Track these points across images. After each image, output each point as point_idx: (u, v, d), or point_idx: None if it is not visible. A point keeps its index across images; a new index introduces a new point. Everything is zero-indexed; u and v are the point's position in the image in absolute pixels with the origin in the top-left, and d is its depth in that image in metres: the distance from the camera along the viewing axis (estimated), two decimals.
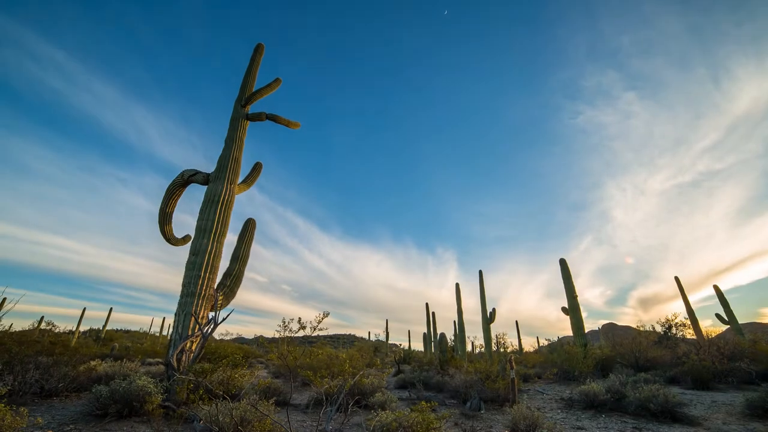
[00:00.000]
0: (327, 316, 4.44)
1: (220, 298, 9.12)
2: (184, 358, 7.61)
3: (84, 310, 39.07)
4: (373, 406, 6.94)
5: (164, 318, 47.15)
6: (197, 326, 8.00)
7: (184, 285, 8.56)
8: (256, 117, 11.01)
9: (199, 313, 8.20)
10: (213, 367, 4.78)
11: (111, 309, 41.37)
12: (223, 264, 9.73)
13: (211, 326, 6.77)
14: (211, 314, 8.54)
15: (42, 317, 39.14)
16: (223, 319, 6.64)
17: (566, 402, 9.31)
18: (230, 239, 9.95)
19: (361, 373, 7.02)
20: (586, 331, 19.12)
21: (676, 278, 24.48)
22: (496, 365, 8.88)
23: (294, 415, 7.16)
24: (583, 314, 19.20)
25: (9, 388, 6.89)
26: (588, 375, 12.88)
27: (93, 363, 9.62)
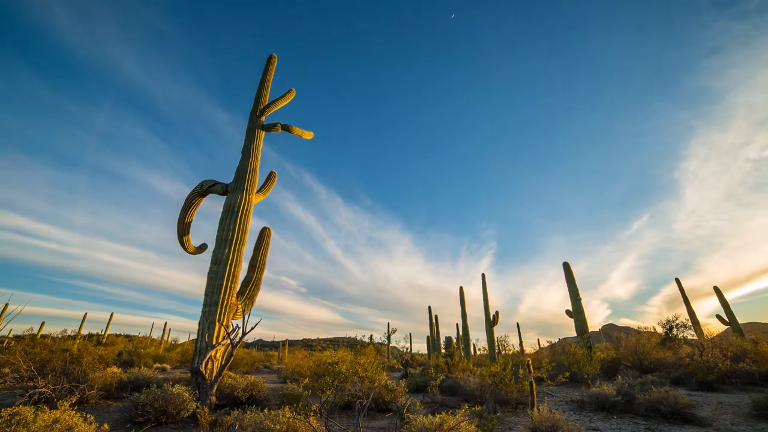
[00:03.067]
0: (395, 333, 4.67)
1: (241, 306, 9.36)
2: (210, 365, 7.85)
3: (85, 315, 39.36)
4: (396, 411, 7.19)
5: (165, 323, 47.13)
6: (221, 334, 8.24)
7: (206, 294, 8.80)
8: (271, 128, 11.28)
9: (223, 321, 8.45)
10: (329, 381, 5.12)
11: (112, 314, 41.62)
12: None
13: (239, 334, 7.01)
14: (235, 322, 8.79)
15: (43, 322, 39.36)
16: (252, 328, 6.88)
17: (577, 404, 9.60)
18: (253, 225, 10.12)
19: (386, 379, 7.27)
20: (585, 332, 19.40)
21: (677, 279, 24.89)
22: (509, 368, 9.17)
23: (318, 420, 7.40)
24: (607, 311, 19.54)
25: (43, 394, 7.11)
26: (595, 377, 13.18)
27: (115, 370, 9.82)
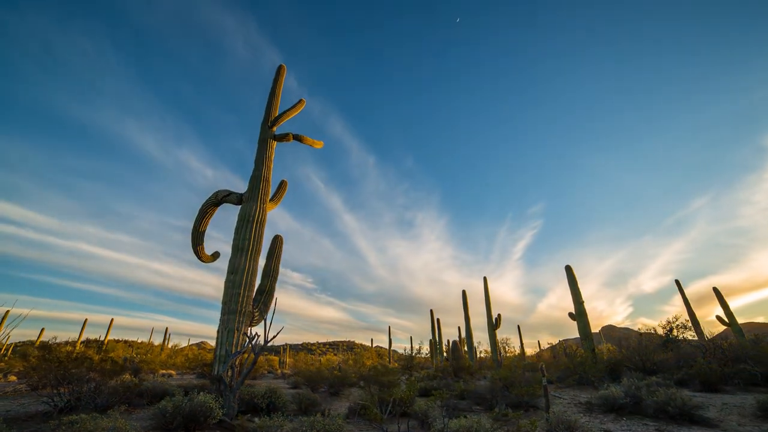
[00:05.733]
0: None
1: (257, 313, 9.55)
2: (230, 373, 8.02)
3: (86, 321, 39.45)
4: (414, 415, 7.39)
5: (167, 328, 46.87)
6: (240, 342, 8.42)
7: (224, 302, 8.99)
8: (283, 137, 11.51)
9: (241, 329, 8.64)
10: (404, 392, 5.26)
11: (112, 320, 41.61)
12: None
13: (261, 343, 7.19)
14: (253, 330, 8.96)
15: (43, 329, 39.33)
16: (274, 337, 7.08)
17: (585, 406, 9.83)
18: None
19: (406, 384, 7.47)
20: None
21: (677, 281, 25.25)
22: (519, 371, 9.39)
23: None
24: (629, 309, 19.33)
25: (69, 402, 7.26)
26: (600, 379, 13.42)
27: (131, 378, 9.96)
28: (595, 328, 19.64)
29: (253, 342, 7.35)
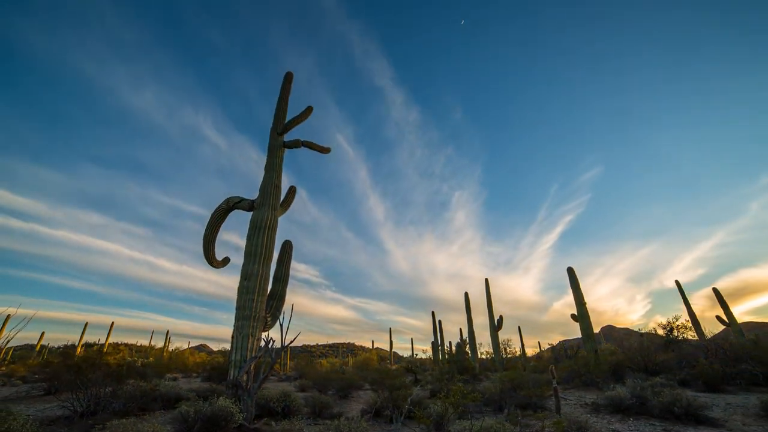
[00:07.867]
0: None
1: (269, 318, 9.70)
2: (246, 377, 8.17)
3: (86, 324, 39.66)
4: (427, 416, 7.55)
5: (168, 331, 46.75)
6: (256, 347, 8.57)
7: (238, 308, 9.14)
8: (293, 144, 11.69)
9: (256, 335, 8.79)
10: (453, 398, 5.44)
11: (113, 323, 41.78)
12: None
13: (278, 348, 7.35)
14: (266, 335, 9.12)
15: (43, 332, 39.43)
16: (292, 341, 7.23)
17: (592, 407, 10.02)
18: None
19: (415, 386, 7.63)
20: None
21: (677, 282, 25.53)
22: (528, 373, 9.58)
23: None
24: (648, 307, 18.37)
25: (89, 407, 7.40)
26: (604, 380, 13.62)
27: (143, 381, 10.08)
28: (597, 327, 19.82)
29: (270, 346, 7.50)
